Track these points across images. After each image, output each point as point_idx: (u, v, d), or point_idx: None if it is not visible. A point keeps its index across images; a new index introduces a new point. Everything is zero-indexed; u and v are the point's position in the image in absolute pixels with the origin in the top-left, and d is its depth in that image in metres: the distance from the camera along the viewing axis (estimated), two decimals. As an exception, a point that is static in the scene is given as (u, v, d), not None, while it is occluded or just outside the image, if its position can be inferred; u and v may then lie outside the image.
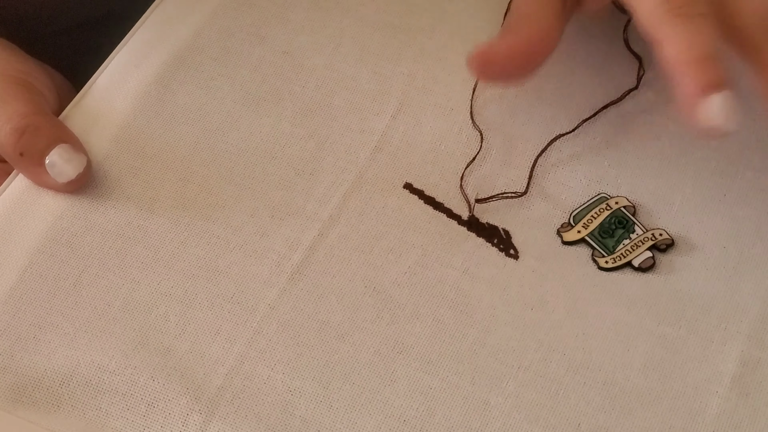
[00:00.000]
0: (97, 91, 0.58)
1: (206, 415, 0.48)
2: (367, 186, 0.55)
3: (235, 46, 0.59)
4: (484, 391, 0.49)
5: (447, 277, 0.52)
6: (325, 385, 0.49)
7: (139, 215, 0.53)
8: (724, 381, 0.49)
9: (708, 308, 0.51)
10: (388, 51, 0.59)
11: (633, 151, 0.55)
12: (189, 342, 0.50)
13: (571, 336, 0.50)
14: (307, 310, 0.51)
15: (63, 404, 0.48)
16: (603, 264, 0.52)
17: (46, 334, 0.50)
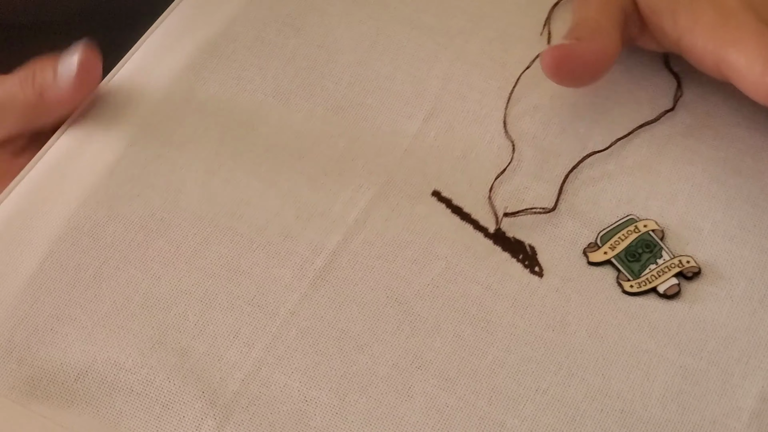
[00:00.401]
0: (127, 73, 0.57)
1: (221, 420, 0.47)
2: (395, 191, 0.54)
3: (270, 36, 0.58)
4: (501, 412, 0.48)
5: (470, 292, 0.51)
6: (342, 397, 0.48)
7: (163, 207, 0.53)
8: (743, 417, 0.49)
9: (730, 341, 0.51)
10: (424, 52, 0.58)
11: (665, 174, 0.55)
12: (207, 344, 0.49)
13: (591, 360, 0.50)
14: (327, 317, 0.50)
15: (77, 400, 0.48)
16: (628, 288, 0.52)
17: (64, 327, 0.49)
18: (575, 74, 0.54)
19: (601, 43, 0.54)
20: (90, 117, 0.56)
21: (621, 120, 0.56)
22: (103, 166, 0.54)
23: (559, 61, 0.53)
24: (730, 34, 0.52)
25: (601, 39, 0.54)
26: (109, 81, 0.57)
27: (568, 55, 0.53)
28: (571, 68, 0.53)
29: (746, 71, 0.51)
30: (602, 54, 0.54)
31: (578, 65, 0.53)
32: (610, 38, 0.54)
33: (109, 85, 0.57)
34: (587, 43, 0.53)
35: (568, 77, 0.54)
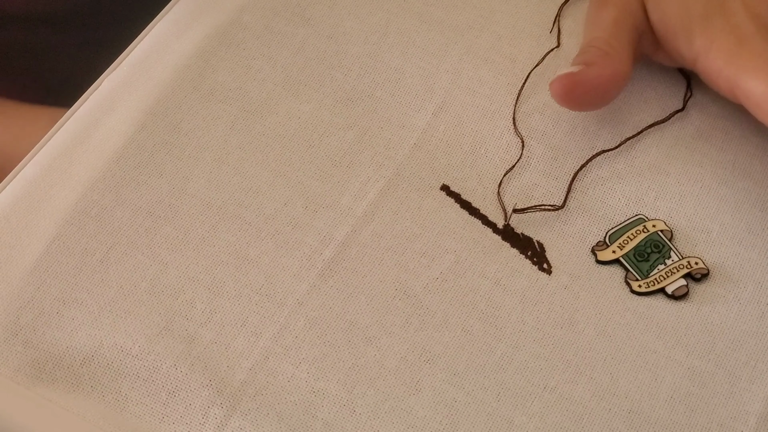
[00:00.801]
0: (135, 59, 0.56)
1: (228, 409, 0.47)
2: (404, 184, 0.54)
3: (279, 25, 0.58)
4: (509, 408, 0.48)
5: (479, 287, 0.51)
6: (350, 389, 0.48)
7: (171, 194, 0.52)
8: (750, 421, 0.49)
9: (738, 344, 0.51)
10: (434, 46, 0.58)
11: (674, 174, 0.55)
12: (214, 332, 0.49)
13: (599, 359, 0.50)
14: (335, 308, 0.50)
15: (82, 385, 0.47)
16: (636, 288, 0.52)
17: (70, 311, 0.49)
18: (584, 101, 0.54)
19: (611, 67, 0.53)
20: (98, 103, 0.55)
21: (631, 119, 0.56)
22: (111, 151, 0.53)
23: (567, 89, 0.53)
24: (745, 60, 0.52)
25: (611, 63, 0.53)
26: (118, 67, 0.56)
27: (576, 83, 0.53)
28: (579, 96, 0.53)
29: (761, 100, 0.51)
30: (612, 79, 0.53)
31: (587, 92, 0.53)
32: (620, 61, 0.54)
33: (118, 72, 0.56)
34: (597, 68, 0.53)
35: (578, 104, 0.54)
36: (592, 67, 0.53)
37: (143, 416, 0.47)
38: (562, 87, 0.53)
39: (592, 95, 0.53)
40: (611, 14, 0.55)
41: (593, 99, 0.53)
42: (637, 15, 0.55)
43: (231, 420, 0.47)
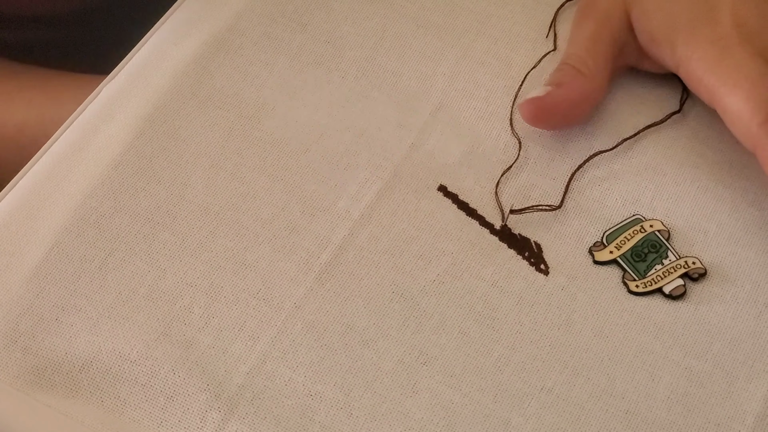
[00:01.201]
0: (134, 67, 0.57)
1: (225, 413, 0.47)
2: (401, 185, 0.54)
3: (277, 31, 0.58)
4: (506, 410, 0.48)
5: (476, 289, 0.51)
6: (347, 392, 0.48)
7: (169, 200, 0.53)
8: (747, 420, 0.49)
9: (735, 344, 0.51)
10: (431, 50, 0.58)
11: (671, 175, 0.55)
12: (212, 336, 0.49)
13: (596, 360, 0.50)
14: (332, 312, 0.50)
15: (81, 390, 0.48)
16: (633, 288, 0.52)
17: (69, 317, 0.49)
18: (553, 123, 0.55)
19: (581, 88, 0.54)
20: (96, 111, 0.56)
21: (628, 120, 0.56)
22: (109, 158, 0.54)
23: (535, 112, 0.54)
24: (724, 73, 0.52)
25: (581, 83, 0.54)
26: (117, 74, 0.57)
27: (543, 106, 0.54)
28: (547, 118, 0.54)
29: (735, 116, 0.52)
30: (580, 99, 0.54)
31: (555, 115, 0.55)
32: (591, 80, 0.55)
33: (116, 80, 0.57)
34: (564, 90, 0.54)
35: (547, 125, 0.55)
36: (560, 89, 0.54)
37: (142, 421, 0.47)
38: (530, 111, 0.54)
39: (560, 117, 0.55)
40: (589, 28, 0.56)
41: (562, 120, 0.55)
42: (617, 27, 0.55)
43: (228, 424, 0.47)
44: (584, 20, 0.56)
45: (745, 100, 0.51)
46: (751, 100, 0.51)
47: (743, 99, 0.51)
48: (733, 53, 0.52)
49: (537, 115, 0.54)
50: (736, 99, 0.51)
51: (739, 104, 0.51)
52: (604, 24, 0.55)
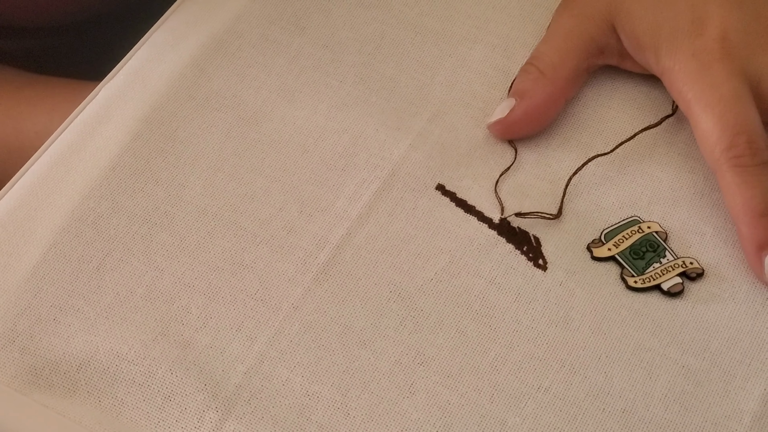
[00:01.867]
0: (131, 69, 0.57)
1: (223, 413, 0.47)
2: (399, 185, 0.54)
3: (275, 34, 0.58)
4: (503, 410, 0.48)
5: (473, 287, 0.51)
6: (344, 392, 0.48)
7: (167, 201, 0.53)
8: (744, 419, 0.49)
9: (733, 342, 0.51)
10: (428, 58, 0.58)
11: (667, 181, 0.55)
12: (210, 336, 0.49)
13: (594, 358, 0.50)
14: (330, 312, 0.50)
15: (79, 390, 0.48)
16: (632, 283, 0.52)
17: (67, 317, 0.49)
18: (523, 133, 0.56)
19: (544, 93, 0.55)
20: (94, 112, 0.56)
21: (624, 127, 0.56)
22: (107, 159, 0.54)
23: (504, 131, 0.56)
24: (700, 90, 0.53)
25: (545, 87, 0.55)
26: (114, 76, 0.57)
27: (508, 125, 0.55)
28: (516, 131, 0.56)
29: (703, 135, 0.52)
30: (545, 104, 0.55)
31: (523, 126, 0.56)
32: (554, 83, 0.55)
33: (114, 81, 0.57)
34: (527, 101, 0.55)
35: (518, 136, 0.56)
36: (522, 101, 0.55)
37: (139, 421, 0.47)
38: (498, 131, 0.56)
39: (528, 126, 0.56)
40: (567, 24, 0.56)
41: (530, 128, 0.56)
42: (597, 27, 0.56)
43: (226, 423, 0.47)
44: (563, 16, 0.56)
45: (714, 121, 0.52)
46: (719, 124, 0.52)
47: (713, 120, 0.52)
48: (712, 70, 0.53)
49: (506, 133, 0.56)
50: (707, 118, 0.52)
51: (708, 124, 0.52)
52: (583, 22, 0.56)
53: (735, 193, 0.51)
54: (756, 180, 0.51)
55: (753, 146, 0.51)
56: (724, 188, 0.52)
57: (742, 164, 0.51)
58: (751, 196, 0.51)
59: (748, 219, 0.51)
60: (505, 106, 0.55)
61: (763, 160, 0.51)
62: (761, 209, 0.51)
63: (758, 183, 0.51)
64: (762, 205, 0.51)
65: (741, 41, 0.54)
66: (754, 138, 0.52)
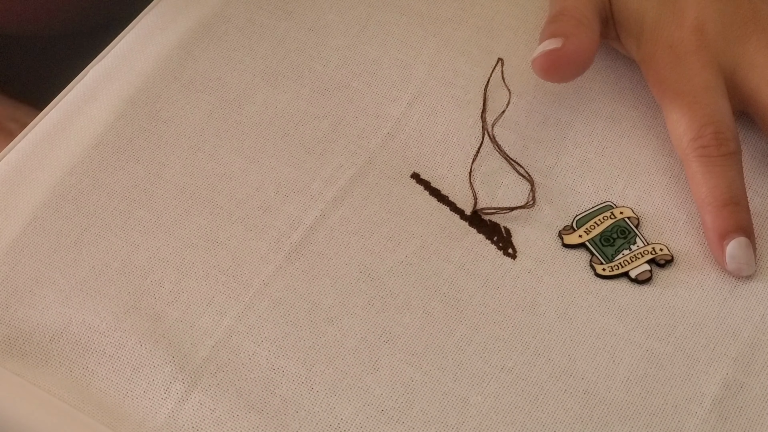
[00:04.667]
0: (120, 50, 0.58)
1: (189, 384, 0.48)
2: (375, 171, 0.55)
3: (262, 18, 0.60)
4: (465, 388, 0.49)
5: (442, 271, 0.52)
6: (309, 367, 0.49)
7: (147, 178, 0.54)
8: (705, 402, 0.49)
9: (699, 327, 0.51)
10: (413, 38, 0.59)
11: (644, 164, 0.55)
12: (180, 310, 0.50)
13: (559, 341, 0.50)
14: (300, 289, 0.51)
15: (51, 360, 0.49)
16: (600, 271, 0.53)
17: (43, 289, 0.51)
18: (566, 74, 0.55)
19: (586, 37, 0.54)
20: (81, 92, 0.57)
21: (603, 109, 0.57)
22: (90, 138, 0.55)
23: (551, 65, 0.54)
24: (673, 80, 0.54)
25: (586, 33, 0.55)
26: (103, 57, 0.58)
27: (559, 58, 0.54)
28: (562, 69, 0.54)
29: (673, 125, 0.53)
30: (587, 49, 0.54)
31: (569, 66, 0.54)
32: (592, 30, 0.55)
33: (103, 62, 0.58)
34: (575, 41, 0.54)
35: (560, 78, 0.55)
36: (571, 40, 0.54)
37: (108, 391, 0.48)
38: (546, 63, 0.54)
39: (573, 67, 0.54)
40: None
41: (574, 71, 0.54)
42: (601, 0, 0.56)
43: (192, 395, 0.48)
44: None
45: (683, 112, 0.53)
46: (688, 114, 0.53)
47: (682, 111, 0.53)
48: (686, 61, 0.53)
49: (553, 68, 0.54)
50: (677, 109, 0.53)
51: (677, 114, 0.53)
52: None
53: (700, 182, 0.52)
54: (721, 170, 0.52)
55: (720, 137, 0.52)
56: (690, 177, 0.53)
57: (708, 154, 0.52)
58: (715, 185, 0.52)
59: (712, 208, 0.52)
60: (553, 41, 0.54)
61: (729, 151, 0.52)
62: (724, 199, 0.52)
63: (723, 173, 0.52)
64: (725, 194, 0.52)
65: (717, 32, 0.54)
66: (721, 129, 0.52)
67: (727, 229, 0.51)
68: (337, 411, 0.48)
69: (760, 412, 0.49)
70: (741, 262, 0.51)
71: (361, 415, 0.48)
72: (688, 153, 0.52)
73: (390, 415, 0.48)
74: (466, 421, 0.48)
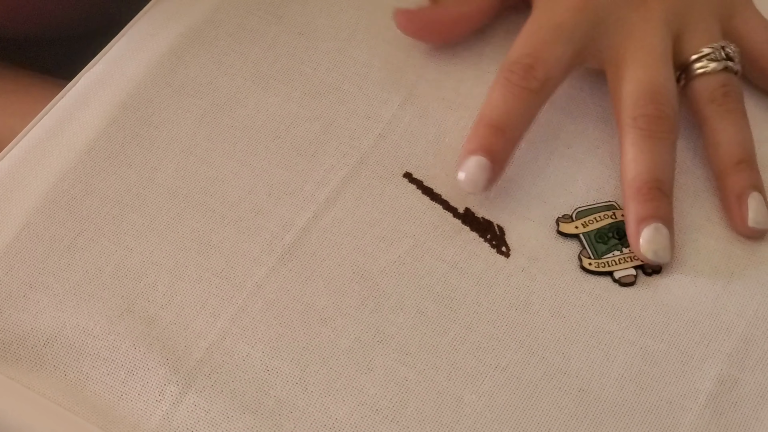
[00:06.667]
0: (111, 57, 0.58)
1: (183, 386, 0.49)
2: (367, 172, 0.55)
3: (252, 23, 0.60)
4: (459, 387, 0.49)
5: (436, 270, 0.52)
6: (303, 368, 0.49)
7: (140, 183, 0.54)
8: (700, 398, 0.49)
9: (692, 324, 0.51)
10: (402, 41, 0.59)
11: None
12: (174, 313, 0.50)
13: (552, 340, 0.51)
14: (293, 291, 0.51)
15: (45, 364, 0.49)
16: (586, 265, 0.53)
17: (36, 294, 0.51)
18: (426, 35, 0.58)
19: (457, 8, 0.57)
20: (73, 97, 0.57)
21: (593, 110, 0.57)
22: (82, 143, 0.55)
23: (403, 21, 0.57)
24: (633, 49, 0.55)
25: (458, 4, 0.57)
26: (95, 64, 0.58)
27: (409, 15, 0.57)
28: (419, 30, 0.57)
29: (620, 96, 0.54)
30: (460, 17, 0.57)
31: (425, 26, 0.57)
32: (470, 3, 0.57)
33: (95, 68, 0.58)
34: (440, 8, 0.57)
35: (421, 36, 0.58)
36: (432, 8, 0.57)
37: (102, 394, 0.48)
38: (399, 22, 0.57)
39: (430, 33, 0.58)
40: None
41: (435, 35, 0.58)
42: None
43: (186, 397, 0.48)
44: None
45: (633, 85, 0.54)
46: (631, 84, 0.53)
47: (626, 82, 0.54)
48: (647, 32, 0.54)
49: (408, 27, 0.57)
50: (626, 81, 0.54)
51: (628, 87, 0.53)
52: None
53: (629, 160, 0.53)
54: (651, 150, 0.53)
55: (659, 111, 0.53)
56: (622, 154, 0.53)
57: (646, 135, 0.53)
58: (644, 167, 0.52)
59: (634, 190, 0.52)
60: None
61: (662, 133, 0.53)
62: (648, 182, 0.52)
63: (654, 154, 0.53)
64: (652, 176, 0.52)
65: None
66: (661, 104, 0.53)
67: (646, 215, 0.52)
68: (332, 411, 0.48)
69: (755, 407, 0.49)
70: (658, 248, 0.52)
71: (356, 414, 0.48)
72: (626, 127, 0.53)
73: (385, 415, 0.48)
74: (460, 420, 0.48)
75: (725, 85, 0.55)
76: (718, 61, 0.55)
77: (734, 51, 0.55)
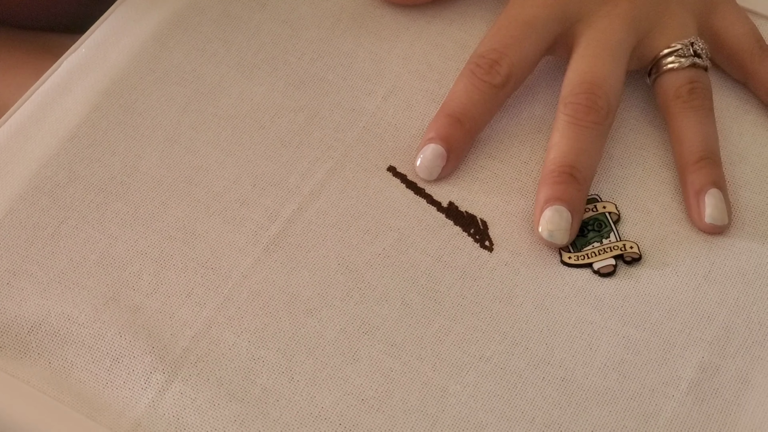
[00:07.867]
0: (94, 42, 0.58)
1: (169, 375, 0.48)
2: (352, 165, 0.55)
3: (236, 10, 0.60)
4: (444, 378, 0.49)
5: (420, 263, 0.52)
6: (289, 358, 0.49)
7: (123, 171, 0.54)
8: (681, 386, 0.50)
9: (674, 313, 0.52)
10: (386, 31, 0.59)
11: (617, 157, 0.56)
12: (159, 302, 0.50)
13: (536, 331, 0.51)
14: (278, 281, 0.51)
15: (29, 352, 0.49)
16: (566, 259, 0.53)
17: (20, 281, 0.50)
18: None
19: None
20: (55, 83, 0.57)
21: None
22: (65, 130, 0.55)
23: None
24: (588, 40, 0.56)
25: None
26: (77, 49, 0.58)
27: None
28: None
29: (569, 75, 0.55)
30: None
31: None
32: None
33: (76, 53, 0.58)
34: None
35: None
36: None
37: (88, 382, 0.48)
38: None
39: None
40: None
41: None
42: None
43: (172, 385, 0.48)
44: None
45: (573, 74, 0.54)
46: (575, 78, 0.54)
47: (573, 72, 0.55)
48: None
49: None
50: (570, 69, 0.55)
51: (569, 75, 0.55)
52: None
53: (555, 146, 0.54)
54: (577, 136, 0.53)
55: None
56: (551, 141, 0.54)
57: (573, 123, 0.54)
58: (566, 151, 0.53)
59: (548, 173, 0.53)
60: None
61: (590, 122, 0.53)
62: (564, 166, 0.53)
63: (580, 141, 0.53)
64: (569, 160, 0.53)
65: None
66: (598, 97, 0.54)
67: (553, 197, 0.53)
68: (318, 400, 0.48)
69: (736, 394, 0.49)
70: (557, 231, 0.53)
71: (342, 404, 0.48)
72: (559, 115, 0.54)
73: (370, 404, 0.49)
74: (445, 410, 0.49)
75: (692, 82, 0.55)
76: (685, 57, 0.56)
77: (702, 47, 0.56)
